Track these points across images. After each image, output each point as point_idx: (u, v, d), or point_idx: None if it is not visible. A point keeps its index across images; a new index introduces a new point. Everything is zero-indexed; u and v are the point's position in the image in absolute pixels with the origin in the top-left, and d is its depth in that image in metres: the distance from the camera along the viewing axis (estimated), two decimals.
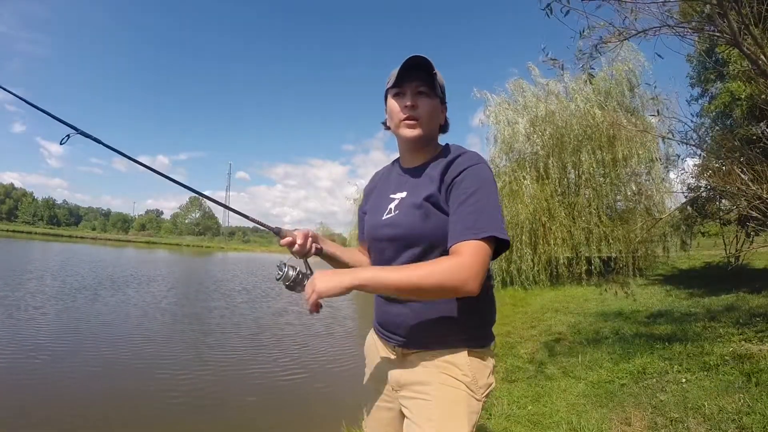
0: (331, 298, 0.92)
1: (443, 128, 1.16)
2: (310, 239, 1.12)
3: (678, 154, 8.11)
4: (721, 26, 2.97)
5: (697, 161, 5.94)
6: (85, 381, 4.17)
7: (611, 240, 10.33)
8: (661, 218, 7.69)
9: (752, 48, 3.05)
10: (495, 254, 0.96)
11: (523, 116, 11.69)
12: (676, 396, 2.82)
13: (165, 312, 7.86)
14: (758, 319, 4.31)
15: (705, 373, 3.10)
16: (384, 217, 1.11)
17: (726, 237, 8.71)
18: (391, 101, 1.10)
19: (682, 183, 6.20)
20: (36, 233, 55.86)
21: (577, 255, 10.54)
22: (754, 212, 3.97)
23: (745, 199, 3.99)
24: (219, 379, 4.45)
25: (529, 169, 11.23)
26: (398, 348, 1.10)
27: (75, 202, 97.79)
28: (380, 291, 0.96)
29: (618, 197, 11.57)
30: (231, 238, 77.32)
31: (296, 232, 1.10)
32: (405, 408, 1.05)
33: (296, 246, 1.09)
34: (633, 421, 2.59)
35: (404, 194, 1.10)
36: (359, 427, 2.70)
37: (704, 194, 6.30)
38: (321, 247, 1.15)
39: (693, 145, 4.95)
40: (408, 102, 1.06)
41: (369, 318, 1.23)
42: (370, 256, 1.20)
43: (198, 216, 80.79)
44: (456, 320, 1.03)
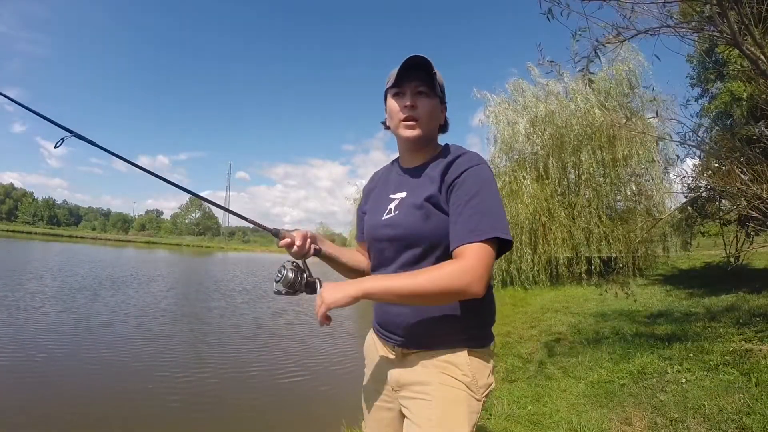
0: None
1: (443, 128, 1.16)
2: (309, 240, 1.11)
3: (677, 155, 8.09)
4: (721, 26, 2.97)
5: (697, 161, 5.94)
6: (85, 381, 4.17)
7: (611, 240, 10.33)
8: (661, 218, 7.67)
9: (752, 48, 3.05)
10: (498, 254, 0.96)
11: (523, 116, 11.69)
12: (676, 396, 2.82)
13: (165, 312, 7.86)
14: (758, 319, 4.31)
15: (705, 373, 3.10)
16: (384, 217, 1.11)
17: (726, 237, 8.70)
18: (391, 101, 1.10)
19: (682, 183, 6.19)
20: (36, 233, 55.87)
21: (577, 255, 10.54)
22: (754, 212, 3.97)
23: (745, 199, 3.99)
24: (219, 380, 4.45)
25: (529, 169, 11.22)
26: (398, 348, 1.09)
27: (75, 202, 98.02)
28: (386, 299, 0.96)
29: (618, 197, 11.58)
30: (231, 238, 77.34)
31: (294, 233, 1.10)
32: (405, 408, 1.05)
33: (295, 247, 1.08)
34: (633, 421, 2.59)
35: (404, 194, 1.10)
36: (359, 428, 2.70)
37: (704, 194, 6.29)
38: (320, 248, 1.15)
39: (692, 146, 4.94)
40: (407, 102, 1.06)
41: (368, 318, 1.23)
42: (370, 256, 1.20)
43: (198, 216, 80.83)
44: (456, 320, 1.03)
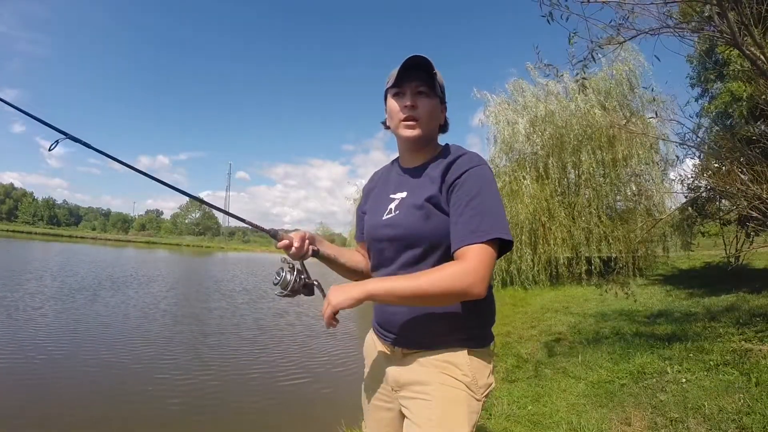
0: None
1: (443, 128, 1.16)
2: (307, 241, 1.11)
3: (677, 155, 8.10)
4: (721, 27, 2.97)
5: (697, 162, 5.94)
6: (84, 382, 4.16)
7: (611, 240, 10.33)
8: (661, 218, 7.67)
9: (752, 48, 3.05)
10: (499, 254, 0.96)
11: (523, 116, 11.69)
12: (676, 396, 2.82)
13: (165, 313, 7.86)
14: (758, 319, 4.31)
15: (705, 373, 3.10)
16: (384, 217, 1.10)
17: (726, 237, 8.70)
18: (391, 101, 1.10)
19: (682, 183, 6.19)
20: (36, 233, 55.87)
21: (577, 255, 10.53)
22: (754, 212, 3.97)
23: (745, 199, 3.99)
24: (219, 381, 4.45)
25: (529, 169, 11.22)
26: (398, 348, 1.09)
27: (75, 202, 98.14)
28: (389, 300, 0.97)
29: (618, 197, 11.58)
30: (231, 238, 77.35)
31: (292, 234, 1.10)
32: (405, 408, 1.05)
33: (293, 248, 1.08)
34: (633, 421, 2.59)
35: (404, 194, 1.09)
36: (359, 428, 2.69)
37: (704, 194, 6.29)
38: (318, 249, 1.14)
39: (691, 146, 4.95)
40: (408, 102, 1.06)
41: (369, 318, 1.23)
42: (370, 256, 1.19)
43: (198, 216, 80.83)
44: (456, 320, 1.03)
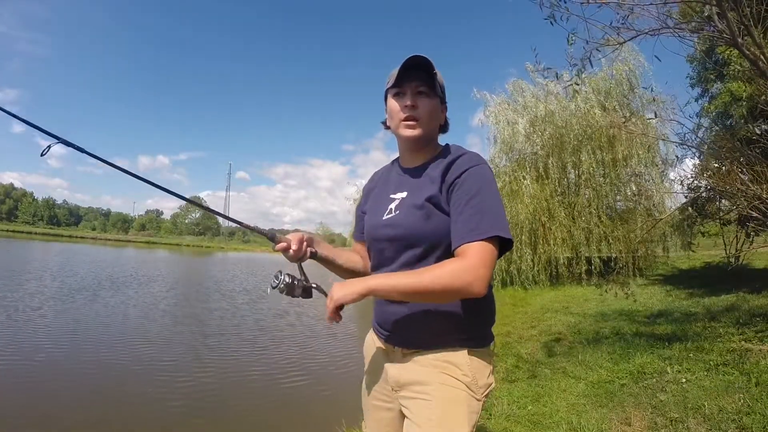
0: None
1: (443, 128, 1.16)
2: (305, 243, 1.11)
3: (677, 155, 8.10)
4: (721, 27, 2.97)
5: (697, 162, 5.94)
6: (84, 383, 4.16)
7: (611, 240, 10.33)
8: (661, 218, 7.68)
9: (752, 48, 3.05)
10: (499, 254, 0.96)
11: (523, 116, 11.69)
12: (676, 396, 2.82)
13: (165, 313, 7.86)
14: (758, 319, 4.31)
15: (705, 373, 3.10)
16: (384, 217, 1.10)
17: (726, 237, 8.70)
18: (391, 101, 1.10)
19: (682, 184, 6.20)
20: (36, 233, 55.90)
21: (577, 255, 10.53)
22: (754, 212, 3.97)
23: (745, 199, 3.99)
24: (219, 382, 4.45)
25: (529, 169, 11.23)
26: (398, 348, 1.09)
27: (75, 202, 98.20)
28: (390, 296, 0.97)
29: (618, 197, 11.58)
30: (231, 238, 77.31)
31: (290, 236, 1.10)
32: (405, 408, 1.05)
33: (291, 251, 1.08)
34: (633, 421, 2.59)
35: (405, 194, 1.09)
36: (359, 428, 2.70)
37: (704, 194, 6.29)
38: (316, 251, 1.14)
39: (691, 146, 4.95)
40: (408, 102, 1.06)
41: (369, 319, 1.23)
42: (370, 256, 1.19)
43: (198, 216, 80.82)
44: (456, 320, 1.03)
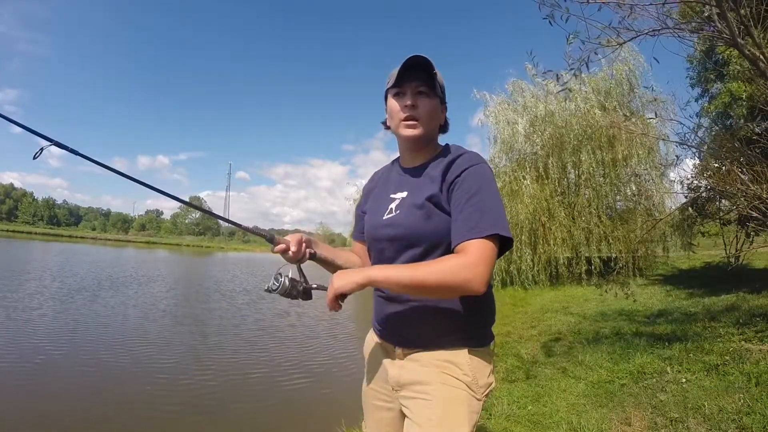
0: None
1: (443, 128, 1.16)
2: (304, 245, 1.11)
3: (677, 155, 8.10)
4: (721, 27, 2.97)
5: (697, 162, 5.95)
6: (83, 384, 4.14)
7: (611, 240, 10.34)
8: (661, 218, 7.68)
9: (752, 49, 3.05)
10: (501, 251, 0.97)
11: (523, 116, 11.69)
12: (676, 396, 2.82)
13: (164, 313, 7.85)
14: (758, 319, 4.31)
15: (705, 373, 3.11)
16: (384, 217, 1.11)
17: (726, 237, 8.70)
18: (392, 101, 1.10)
19: (681, 184, 6.20)
20: (36, 233, 55.92)
21: (577, 255, 10.54)
22: (754, 212, 3.97)
23: (745, 199, 3.99)
24: (218, 381, 4.44)
25: (529, 169, 11.23)
26: (398, 347, 1.10)
27: (75, 202, 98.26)
28: (389, 287, 0.97)
29: (618, 197, 11.58)
30: (231, 239, 77.27)
31: (289, 238, 1.10)
32: (405, 408, 1.05)
33: (290, 252, 1.08)
34: (633, 421, 2.59)
35: (405, 194, 1.10)
36: (359, 428, 2.70)
37: (704, 194, 6.29)
38: (315, 252, 1.14)
39: (691, 146, 4.95)
40: (408, 102, 1.06)
41: (369, 319, 1.23)
42: (370, 256, 1.20)
43: (198, 216, 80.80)
44: (456, 319, 1.03)
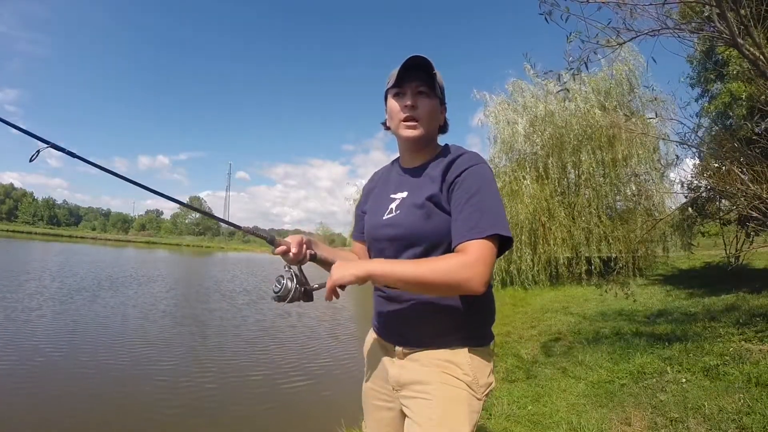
0: (336, 301, 0.97)
1: (442, 129, 1.17)
2: (305, 246, 1.11)
3: (677, 155, 8.11)
4: (721, 27, 2.97)
5: (697, 161, 5.96)
6: (83, 385, 4.12)
7: (611, 240, 10.34)
8: (661, 219, 7.68)
9: (752, 49, 3.05)
10: (501, 251, 0.97)
11: (523, 116, 11.69)
12: (676, 396, 2.83)
13: (164, 314, 7.84)
14: (758, 319, 4.32)
15: (705, 373, 3.11)
16: (385, 217, 1.11)
17: (726, 237, 8.71)
18: (392, 101, 1.10)
19: (681, 184, 6.21)
20: (36, 233, 55.92)
21: (577, 255, 10.54)
22: (754, 212, 3.97)
23: (745, 199, 3.99)
24: (218, 382, 4.44)
25: (529, 169, 11.23)
26: (398, 347, 1.10)
27: (75, 202, 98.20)
28: (387, 282, 0.97)
29: (618, 197, 11.58)
30: (231, 239, 77.22)
31: (289, 239, 1.09)
32: (406, 407, 1.05)
33: (291, 254, 1.08)
34: (633, 421, 2.59)
35: (405, 194, 1.10)
36: (359, 428, 2.70)
37: (704, 194, 6.30)
38: (315, 253, 1.14)
39: (691, 146, 4.96)
40: (408, 102, 1.07)
41: (370, 319, 1.23)
42: (370, 256, 1.20)
43: (198, 216, 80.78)
44: (456, 319, 1.03)
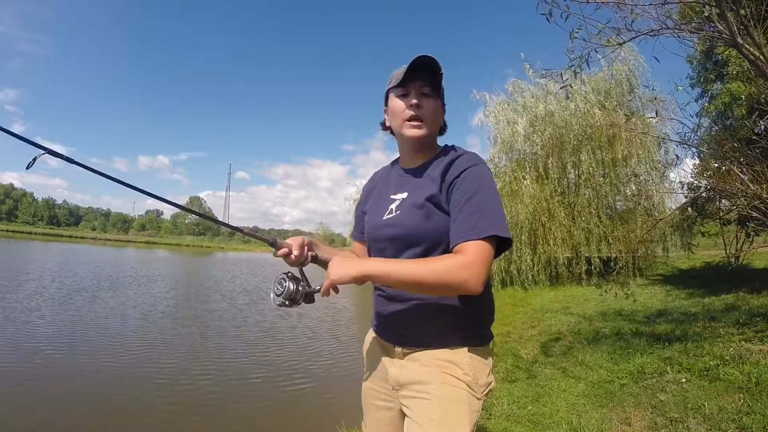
0: (332, 299, 0.94)
1: (442, 130, 1.17)
2: (306, 248, 1.11)
3: (677, 155, 8.11)
4: (720, 27, 2.97)
5: (697, 161, 5.96)
6: (82, 386, 4.11)
7: (611, 240, 10.33)
8: (661, 219, 7.68)
9: (752, 49, 3.05)
10: (499, 252, 0.97)
11: (523, 116, 11.68)
12: (676, 396, 2.83)
13: (164, 315, 7.83)
14: (758, 319, 4.31)
15: (705, 373, 3.11)
16: (385, 217, 1.11)
17: (726, 237, 8.71)
18: (396, 101, 1.10)
19: (681, 184, 6.21)
20: (36, 233, 55.90)
21: (577, 255, 10.54)
22: (754, 212, 3.98)
23: (745, 199, 4.00)
24: (218, 382, 4.45)
25: (529, 169, 11.22)
26: (398, 347, 1.10)
27: (75, 202, 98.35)
28: (385, 282, 0.97)
29: (618, 197, 11.58)
30: (231, 239, 77.16)
31: (291, 241, 1.10)
32: (405, 407, 1.05)
33: (292, 256, 1.08)
34: (633, 421, 2.59)
35: (405, 194, 1.10)
36: (359, 428, 2.70)
37: (704, 194, 6.30)
38: (316, 254, 1.14)
39: (691, 146, 4.96)
40: (414, 101, 1.07)
41: (370, 319, 1.24)
42: (370, 256, 1.20)
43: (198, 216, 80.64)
44: (455, 319, 1.04)
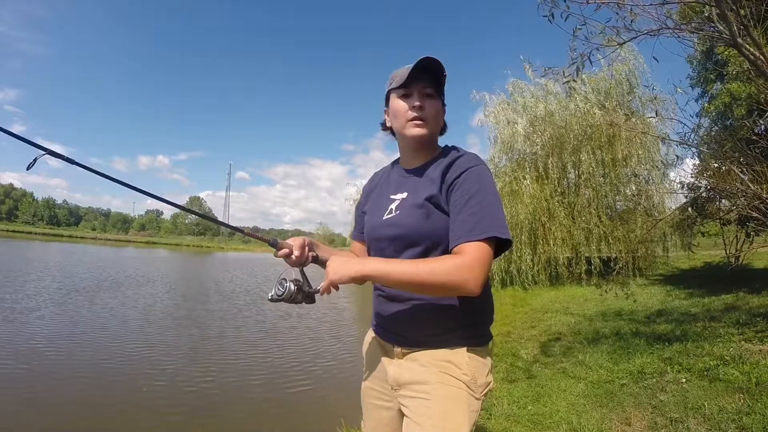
0: (333, 300, 0.94)
1: (442, 130, 1.17)
2: (306, 248, 1.11)
3: (677, 155, 8.11)
4: (721, 27, 2.97)
5: (697, 161, 5.96)
6: (81, 388, 4.09)
7: (611, 240, 10.33)
8: (661, 218, 7.69)
9: (751, 49, 3.05)
10: (498, 252, 0.97)
11: (523, 116, 11.68)
12: (676, 396, 2.83)
13: (164, 315, 7.81)
14: (758, 319, 4.32)
15: (705, 373, 3.11)
16: (385, 217, 1.11)
17: (726, 237, 8.71)
18: (397, 101, 1.11)
19: (681, 184, 6.21)
20: (36, 233, 55.92)
21: (577, 255, 10.54)
22: (754, 212, 3.98)
23: (745, 199, 3.99)
24: (219, 383, 4.44)
25: (529, 169, 11.22)
26: (397, 347, 1.10)
27: (75, 202, 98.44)
28: (384, 282, 0.98)
29: (618, 197, 11.58)
30: (231, 239, 77.19)
31: (291, 242, 1.10)
32: (404, 407, 1.06)
33: (293, 257, 1.09)
34: (633, 421, 2.60)
35: (405, 195, 1.10)
36: (358, 427, 2.70)
37: (704, 194, 6.30)
38: (317, 255, 1.15)
39: (691, 146, 4.96)
40: (416, 102, 1.07)
41: (370, 320, 1.24)
42: (369, 256, 1.20)
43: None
44: (455, 319, 1.04)
